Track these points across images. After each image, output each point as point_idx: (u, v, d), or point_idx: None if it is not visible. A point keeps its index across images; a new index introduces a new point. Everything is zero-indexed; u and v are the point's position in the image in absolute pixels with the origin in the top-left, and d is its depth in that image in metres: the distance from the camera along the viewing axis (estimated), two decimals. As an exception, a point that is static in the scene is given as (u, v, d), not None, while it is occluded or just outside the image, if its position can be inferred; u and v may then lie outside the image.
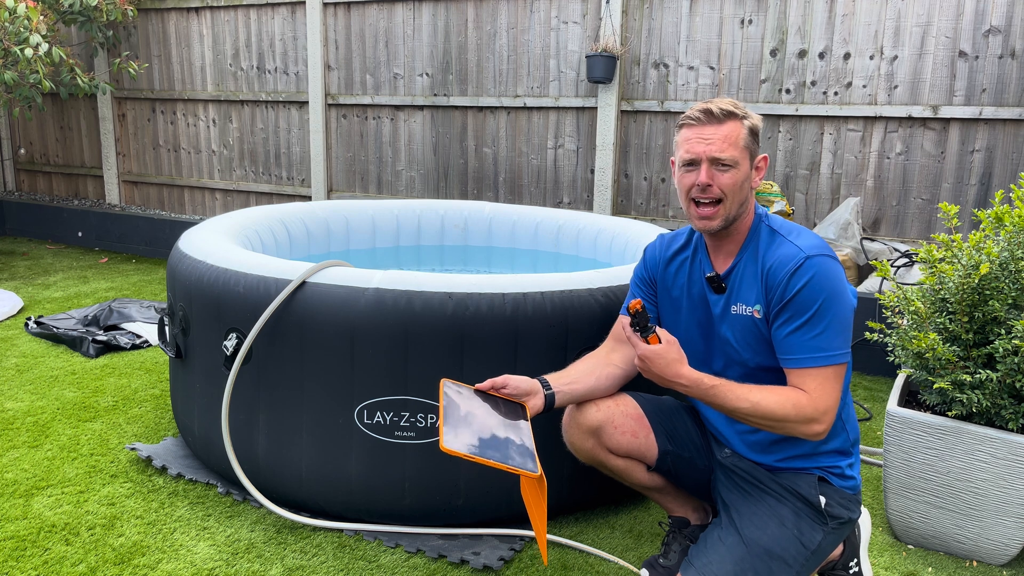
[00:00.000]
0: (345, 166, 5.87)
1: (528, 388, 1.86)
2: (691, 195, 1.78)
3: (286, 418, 2.32)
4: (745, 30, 4.50)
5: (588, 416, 1.93)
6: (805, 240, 1.75)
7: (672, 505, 2.14)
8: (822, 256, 1.72)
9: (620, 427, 1.95)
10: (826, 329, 1.69)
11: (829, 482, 1.83)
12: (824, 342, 1.70)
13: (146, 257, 6.18)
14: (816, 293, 1.69)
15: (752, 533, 1.76)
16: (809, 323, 1.70)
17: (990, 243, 2.20)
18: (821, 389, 1.70)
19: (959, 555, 2.28)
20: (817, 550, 1.78)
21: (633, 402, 2.01)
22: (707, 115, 1.75)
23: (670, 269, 1.97)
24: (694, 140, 1.76)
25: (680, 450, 2.00)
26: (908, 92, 4.19)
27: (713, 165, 1.74)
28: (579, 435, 1.96)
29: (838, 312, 1.70)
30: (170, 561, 2.14)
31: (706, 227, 1.79)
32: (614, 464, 2.00)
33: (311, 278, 2.27)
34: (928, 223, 4.26)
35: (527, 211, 3.92)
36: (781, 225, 1.81)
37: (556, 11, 4.97)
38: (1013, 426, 2.16)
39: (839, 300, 1.70)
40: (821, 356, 1.70)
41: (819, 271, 1.70)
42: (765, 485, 1.84)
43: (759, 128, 1.80)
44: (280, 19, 5.88)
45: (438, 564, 2.15)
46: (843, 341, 1.71)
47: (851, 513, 1.84)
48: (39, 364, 3.63)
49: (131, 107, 6.71)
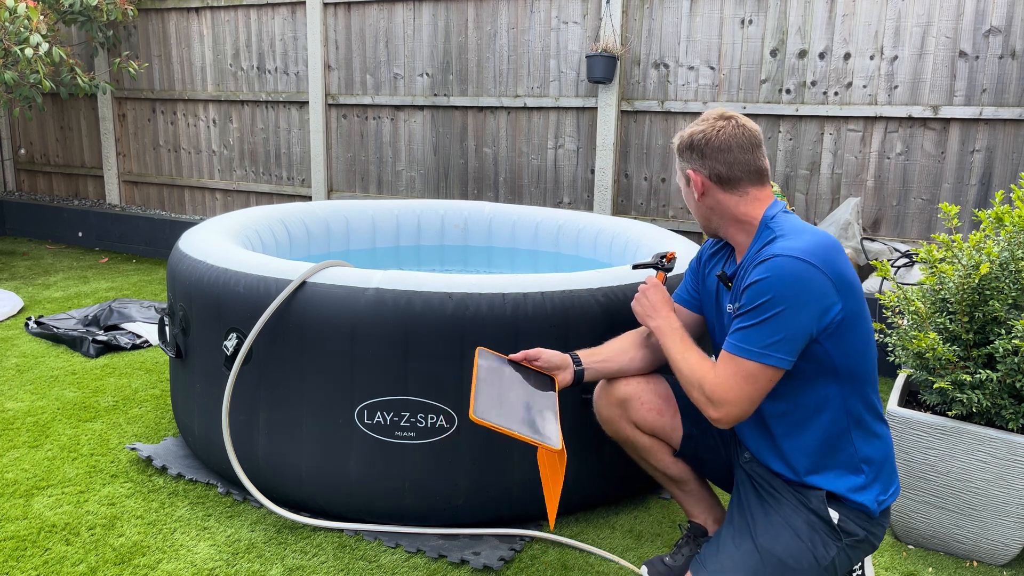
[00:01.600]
0: (345, 166, 5.87)
1: (559, 362, 1.95)
2: None
3: (286, 418, 2.32)
4: (745, 30, 4.50)
5: (617, 388, 2.01)
6: (795, 242, 1.69)
7: (694, 509, 2.12)
8: (796, 259, 1.65)
9: (647, 403, 2.00)
10: (758, 326, 1.66)
11: (840, 499, 1.77)
12: (749, 336, 1.68)
13: (146, 257, 6.18)
14: (766, 290, 1.65)
15: (766, 542, 1.75)
16: (748, 313, 1.69)
17: (990, 243, 2.20)
18: (727, 378, 1.70)
19: (959, 555, 2.28)
20: (830, 566, 1.74)
21: (664, 382, 2.04)
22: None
23: (708, 266, 2.03)
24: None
25: (705, 436, 2.01)
26: (908, 92, 4.19)
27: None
28: (607, 405, 2.04)
29: (782, 316, 1.64)
30: (170, 561, 2.14)
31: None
32: (639, 440, 2.03)
33: (311, 278, 2.27)
34: (928, 223, 4.26)
35: (527, 211, 3.92)
36: (782, 225, 1.76)
37: (556, 11, 4.97)
38: (1013, 426, 2.16)
39: (789, 305, 1.64)
40: (739, 347, 1.69)
41: (782, 271, 1.65)
42: (781, 494, 1.82)
43: (690, 141, 1.84)
44: (280, 19, 5.88)
45: (438, 564, 2.15)
46: (771, 345, 1.65)
47: (869, 534, 1.78)
48: (39, 364, 3.63)
49: (131, 107, 6.71)
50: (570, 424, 2.22)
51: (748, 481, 1.91)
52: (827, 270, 1.66)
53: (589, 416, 2.15)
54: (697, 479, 2.10)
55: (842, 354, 1.71)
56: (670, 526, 2.39)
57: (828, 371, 1.72)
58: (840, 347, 1.70)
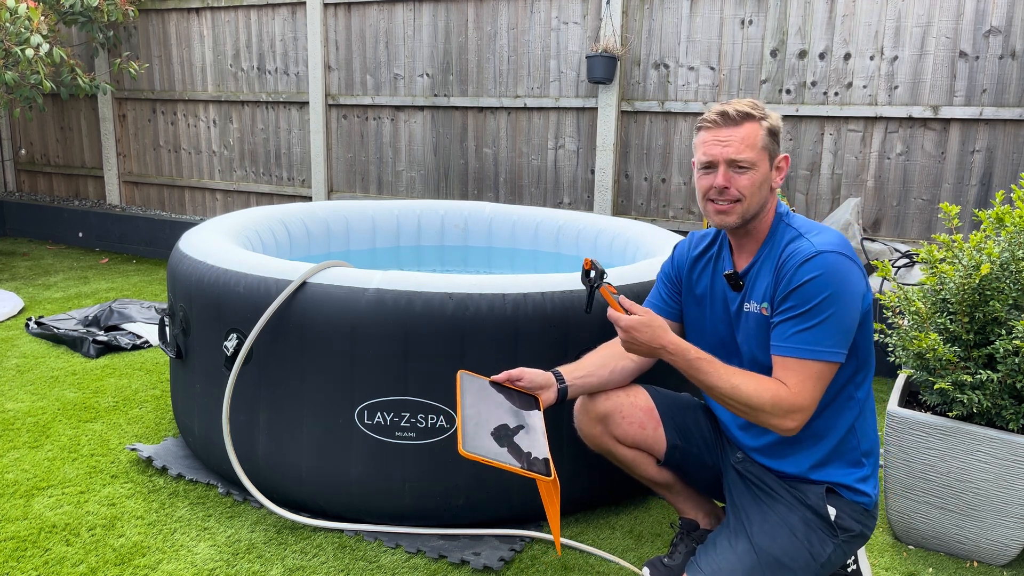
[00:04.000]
0: (345, 166, 5.87)
1: (542, 381, 1.91)
2: (708, 195, 1.79)
3: (286, 418, 2.32)
4: (745, 30, 4.50)
5: (598, 404, 1.98)
6: (824, 238, 1.72)
7: (684, 506, 2.13)
8: (836, 254, 1.68)
9: (628, 417, 1.97)
10: (821, 324, 1.66)
11: (839, 494, 1.79)
12: (815, 337, 1.67)
13: (146, 257, 6.18)
14: (821, 287, 1.66)
15: (762, 541, 1.75)
16: (806, 314, 1.67)
17: (991, 243, 2.20)
18: (802, 385, 1.68)
19: (959, 555, 2.28)
20: (826, 563, 1.76)
21: (645, 394, 2.02)
22: (724, 117, 1.75)
23: (695, 269, 1.98)
24: (711, 143, 1.76)
25: (689, 445, 2.00)
26: (908, 92, 4.19)
27: (730, 167, 1.74)
28: (588, 421, 2.01)
29: (839, 312, 1.67)
30: (170, 562, 2.14)
31: (723, 222, 1.79)
32: (623, 454, 2.01)
33: (311, 278, 2.27)
34: (928, 223, 4.26)
35: (527, 211, 3.92)
36: (801, 224, 1.79)
37: (556, 11, 4.97)
38: (1014, 426, 2.16)
39: (843, 300, 1.67)
40: (808, 349, 1.67)
41: (830, 268, 1.67)
42: (776, 492, 1.82)
43: (779, 128, 1.79)
44: (280, 19, 5.88)
45: (438, 564, 2.15)
46: (836, 342, 1.68)
47: (864, 527, 1.80)
48: (39, 364, 3.63)
49: (131, 107, 6.71)
50: (568, 425, 2.22)
51: (741, 481, 1.91)
52: (857, 261, 1.72)
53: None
54: (683, 480, 2.10)
55: (864, 341, 1.76)
56: (670, 526, 2.39)
57: (851, 358, 1.76)
58: (863, 334, 1.76)
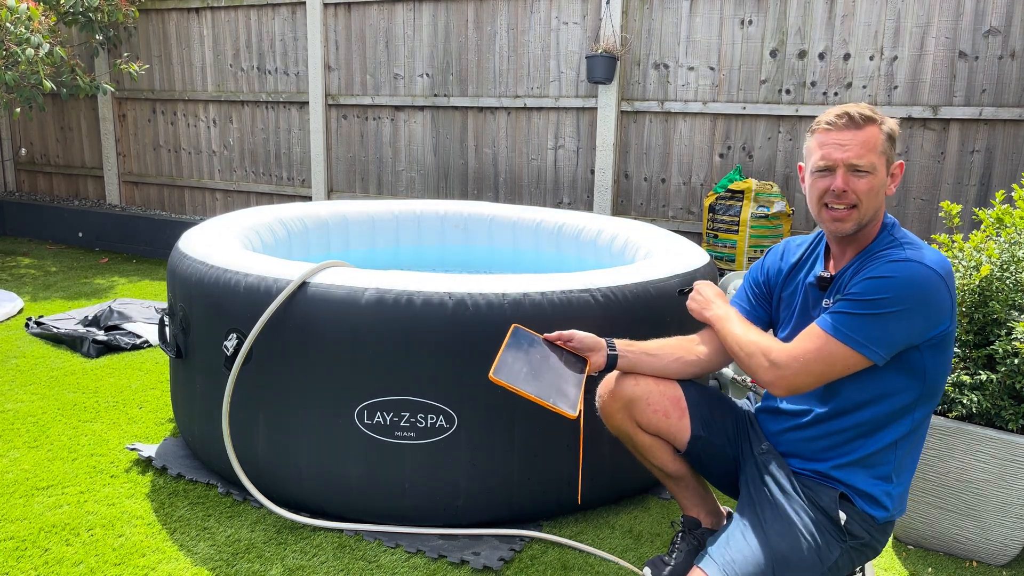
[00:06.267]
0: (345, 166, 5.87)
1: (592, 344, 1.95)
2: (824, 200, 1.76)
3: (286, 418, 2.32)
4: (745, 30, 4.50)
5: (626, 388, 1.97)
6: (923, 252, 1.68)
7: (688, 502, 2.12)
8: (928, 268, 1.64)
9: (653, 404, 1.96)
10: (867, 317, 1.63)
11: (851, 502, 1.78)
12: (853, 323, 1.65)
13: (146, 257, 6.18)
14: (889, 287, 1.63)
15: (775, 538, 1.74)
16: (858, 303, 1.65)
17: (991, 244, 2.20)
18: (804, 350, 1.69)
19: (959, 555, 2.28)
20: (833, 566, 1.74)
21: (675, 385, 2.00)
22: (846, 120, 1.72)
23: (793, 275, 1.96)
24: (831, 145, 1.73)
25: (712, 437, 1.99)
26: (908, 93, 4.19)
27: (850, 171, 1.71)
28: (611, 402, 2.00)
29: (896, 317, 1.62)
30: (170, 561, 2.14)
31: (838, 229, 1.76)
32: (641, 440, 2.01)
33: (311, 278, 2.27)
34: (928, 223, 4.26)
35: (527, 211, 3.92)
36: (906, 235, 1.76)
37: (556, 11, 4.97)
38: (1013, 427, 2.16)
39: (907, 310, 1.62)
40: (837, 328, 1.65)
41: (911, 276, 1.63)
42: (792, 491, 1.82)
43: (896, 133, 1.76)
44: (280, 19, 5.88)
45: (438, 564, 2.15)
46: (873, 340, 1.64)
47: (873, 539, 1.79)
48: (39, 364, 3.63)
49: (131, 107, 6.71)
50: (569, 426, 2.22)
51: (759, 476, 1.90)
52: (952, 288, 1.68)
53: (588, 416, 2.15)
54: (694, 474, 2.09)
55: (935, 366, 1.73)
56: (670, 526, 2.39)
57: (918, 379, 1.73)
58: (936, 359, 1.72)
